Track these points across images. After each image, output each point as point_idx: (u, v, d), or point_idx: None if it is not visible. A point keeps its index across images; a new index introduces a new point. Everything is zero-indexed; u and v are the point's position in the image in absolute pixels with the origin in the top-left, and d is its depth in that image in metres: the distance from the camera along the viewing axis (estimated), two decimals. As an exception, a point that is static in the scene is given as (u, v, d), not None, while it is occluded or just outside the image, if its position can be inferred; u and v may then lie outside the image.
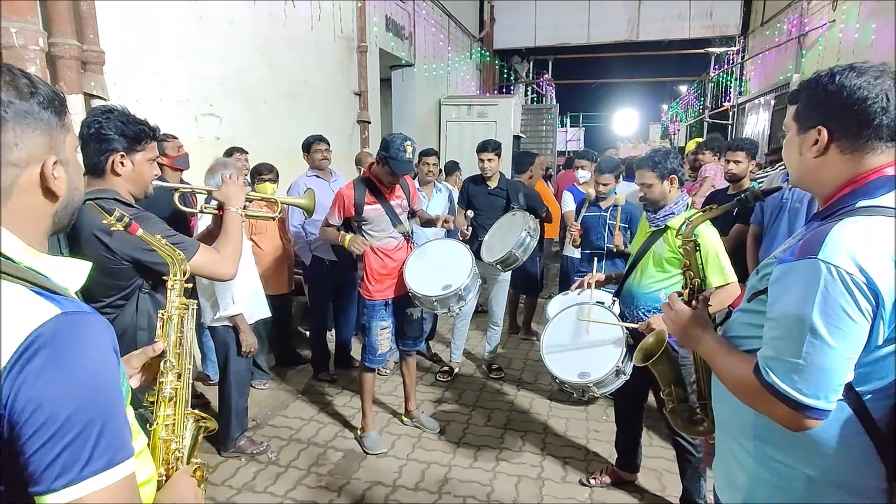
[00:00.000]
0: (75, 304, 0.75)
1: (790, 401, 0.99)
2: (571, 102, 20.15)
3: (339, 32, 6.09)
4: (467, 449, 3.15)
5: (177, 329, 1.17)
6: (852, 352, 0.97)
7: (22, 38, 2.60)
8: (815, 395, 0.97)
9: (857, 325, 0.95)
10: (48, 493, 0.66)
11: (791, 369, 0.99)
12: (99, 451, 0.69)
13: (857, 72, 1.02)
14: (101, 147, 1.66)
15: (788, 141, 1.15)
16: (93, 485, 0.68)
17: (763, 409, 1.06)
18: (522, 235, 3.36)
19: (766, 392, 1.02)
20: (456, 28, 10.35)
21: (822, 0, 7.77)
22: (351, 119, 6.60)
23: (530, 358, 4.53)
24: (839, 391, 0.99)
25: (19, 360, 0.66)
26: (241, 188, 1.89)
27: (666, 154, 2.40)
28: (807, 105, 1.09)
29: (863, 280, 0.93)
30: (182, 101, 3.93)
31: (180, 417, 1.12)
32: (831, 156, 1.06)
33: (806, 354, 0.97)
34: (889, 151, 1.02)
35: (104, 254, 1.64)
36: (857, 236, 0.96)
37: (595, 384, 2.32)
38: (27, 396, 0.66)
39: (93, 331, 0.73)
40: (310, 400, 3.74)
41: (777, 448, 1.11)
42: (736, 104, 11.70)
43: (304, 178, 4.02)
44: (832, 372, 0.97)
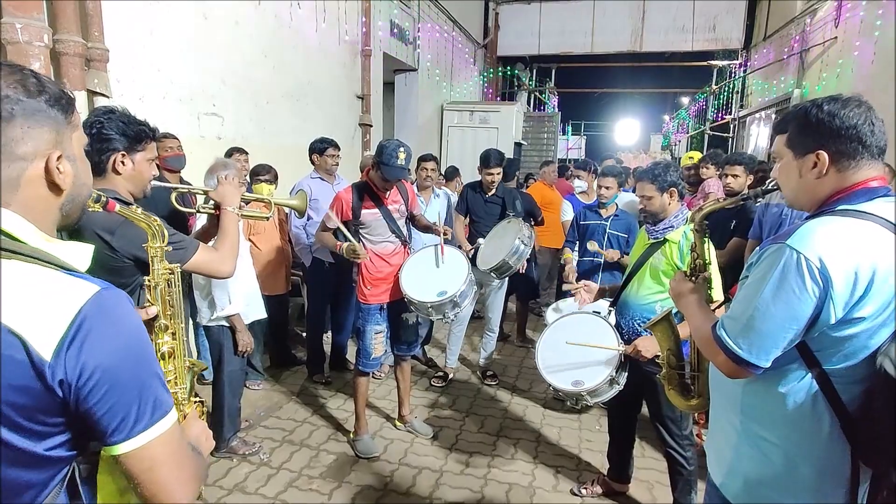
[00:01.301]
0: (103, 280, 0.81)
1: (729, 352, 1.21)
2: (573, 111, 20.24)
3: (344, 35, 6.12)
4: (459, 455, 3.15)
5: (164, 293, 1.25)
6: (792, 323, 1.14)
7: (27, 34, 2.61)
8: (750, 351, 1.18)
9: (800, 301, 1.12)
10: (125, 441, 0.78)
11: (737, 327, 1.21)
12: (158, 402, 0.82)
13: (841, 102, 1.19)
14: (103, 146, 1.67)
15: (784, 166, 1.29)
16: (155, 431, 0.81)
17: (713, 359, 1.28)
18: (516, 243, 3.36)
19: (714, 343, 1.25)
20: (460, 34, 10.39)
21: (824, 17, 7.82)
22: (353, 122, 6.62)
23: (525, 365, 4.53)
24: (772, 354, 1.17)
25: (77, 336, 0.73)
26: (236, 189, 1.93)
27: (666, 167, 2.41)
28: (800, 133, 1.23)
29: (817, 265, 1.10)
30: (185, 100, 3.94)
31: (181, 370, 1.24)
32: (828, 174, 1.21)
33: (750, 318, 1.18)
34: (872, 166, 1.20)
35: (106, 252, 1.65)
36: (825, 230, 1.14)
37: (588, 393, 2.33)
38: (91, 367, 0.74)
39: (125, 302, 0.82)
40: (303, 402, 3.74)
41: (760, 424, 1.27)
42: (737, 117, 11.75)
43: (307, 180, 4.00)
44: (769, 336, 1.16)
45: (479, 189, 4.12)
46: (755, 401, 1.28)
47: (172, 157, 3.44)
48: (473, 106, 10.08)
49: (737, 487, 1.34)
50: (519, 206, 4.06)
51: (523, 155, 11.15)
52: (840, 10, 7.26)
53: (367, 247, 2.99)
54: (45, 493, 0.79)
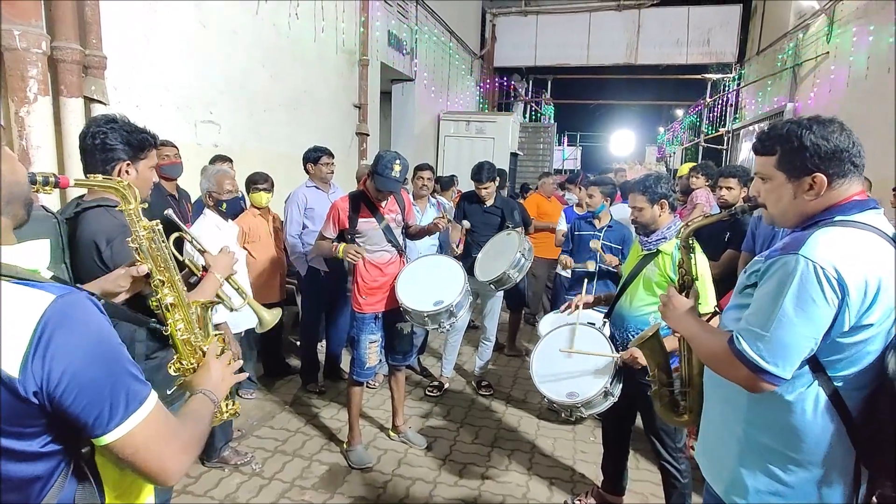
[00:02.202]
0: (57, 286, 0.83)
1: (752, 364, 1.20)
2: (569, 121, 20.35)
3: (342, 45, 6.16)
4: (453, 466, 3.13)
5: (151, 250, 1.28)
6: (813, 332, 1.16)
7: (25, 40, 2.62)
8: (774, 363, 1.18)
9: (821, 311, 1.14)
10: (103, 435, 0.83)
11: (758, 339, 1.20)
12: (132, 395, 0.86)
13: (829, 126, 1.23)
14: (107, 157, 1.66)
15: (776, 188, 1.31)
16: (132, 422, 0.85)
17: (730, 373, 1.27)
18: (517, 257, 3.37)
19: (733, 357, 1.23)
20: (457, 45, 10.47)
21: (816, 32, 7.93)
22: (350, 131, 6.64)
23: (520, 375, 4.52)
24: (795, 364, 1.19)
25: (38, 348, 0.76)
26: (230, 263, 1.90)
27: (657, 179, 2.43)
28: (794, 156, 1.26)
29: (834, 275, 1.13)
30: (182, 108, 3.95)
31: (186, 315, 1.30)
32: (823, 194, 1.25)
33: (773, 329, 1.18)
34: (858, 181, 1.26)
35: (96, 260, 1.64)
36: (834, 240, 1.17)
37: (583, 405, 2.32)
38: (59, 373, 0.78)
39: (86, 305, 0.84)
40: (297, 411, 3.71)
41: (767, 433, 1.29)
42: (731, 130, 11.86)
43: (303, 189, 3.97)
44: (792, 346, 1.17)
45: (476, 199, 4.14)
46: (762, 410, 1.29)
47: (169, 165, 3.43)
48: (470, 116, 10.14)
49: (742, 497, 1.35)
50: (517, 217, 4.07)
51: (519, 165, 11.21)
52: (832, 26, 7.37)
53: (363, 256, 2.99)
54: (51, 482, 0.86)
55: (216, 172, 3.07)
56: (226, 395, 1.25)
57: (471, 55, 11.55)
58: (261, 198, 3.74)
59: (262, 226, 3.82)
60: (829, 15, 7.48)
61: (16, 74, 2.65)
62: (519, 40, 12.30)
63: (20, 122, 2.68)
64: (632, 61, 11.91)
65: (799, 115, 8.29)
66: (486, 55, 12.44)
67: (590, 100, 16.56)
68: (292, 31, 5.20)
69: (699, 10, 11.38)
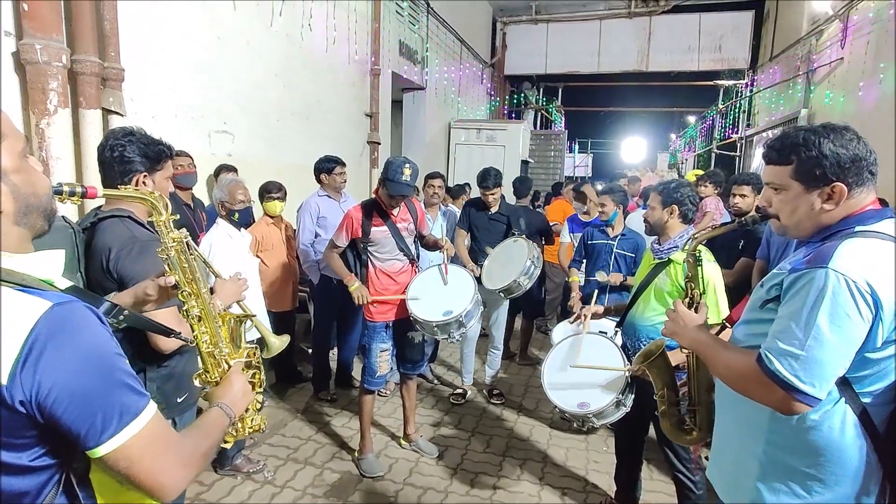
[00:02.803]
0: (58, 295, 0.83)
1: (787, 385, 1.14)
2: (580, 128, 20.31)
3: (354, 55, 6.22)
4: (465, 475, 3.12)
5: (179, 261, 1.27)
6: (849, 349, 1.12)
7: (46, 54, 2.68)
8: (812, 382, 1.13)
9: (856, 327, 1.11)
10: (96, 447, 0.81)
11: (793, 359, 1.14)
12: (125, 408, 0.83)
13: (846, 134, 1.21)
14: (125, 169, 1.70)
15: (792, 198, 1.27)
16: (125, 435, 0.83)
17: (760, 395, 1.20)
18: (527, 265, 3.37)
19: (766, 378, 1.17)
20: (468, 53, 10.52)
21: (830, 38, 7.86)
22: (361, 139, 6.69)
23: (531, 384, 4.50)
24: (830, 382, 1.14)
25: (30, 357, 0.75)
26: (238, 291, 1.82)
27: (679, 185, 2.43)
28: (812, 166, 1.22)
29: (867, 289, 1.09)
30: (196, 118, 4.01)
31: (212, 328, 1.30)
32: (842, 203, 1.22)
33: (808, 347, 1.12)
34: (873, 189, 1.24)
35: (102, 269, 1.66)
36: (861, 252, 1.14)
37: (595, 415, 2.31)
38: (49, 384, 0.76)
39: (82, 315, 0.82)
40: (308, 419, 3.72)
41: (791, 453, 1.24)
42: (744, 136, 11.77)
43: (315, 198, 3.99)
44: (828, 364, 1.12)
45: (482, 206, 4.13)
46: (784, 429, 1.24)
47: (184, 175, 3.49)
48: (480, 124, 10.17)
49: None
50: (523, 225, 4.05)
51: (530, 172, 11.20)
52: (846, 32, 7.31)
53: (374, 264, 3.00)
54: (41, 498, 0.84)
55: (229, 183, 3.10)
56: (244, 409, 1.24)
57: (481, 63, 11.60)
58: (274, 206, 3.78)
59: (274, 234, 3.86)
60: (842, 20, 7.42)
61: (37, 87, 2.71)
62: (529, 48, 12.32)
63: (40, 134, 2.74)
64: (643, 68, 11.87)
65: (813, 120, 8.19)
66: (497, 63, 12.48)
67: (601, 107, 16.55)
68: (305, 42, 5.27)
69: (711, 17, 11.32)
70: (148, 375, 1.75)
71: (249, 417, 1.35)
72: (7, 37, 2.72)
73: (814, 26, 8.41)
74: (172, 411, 1.81)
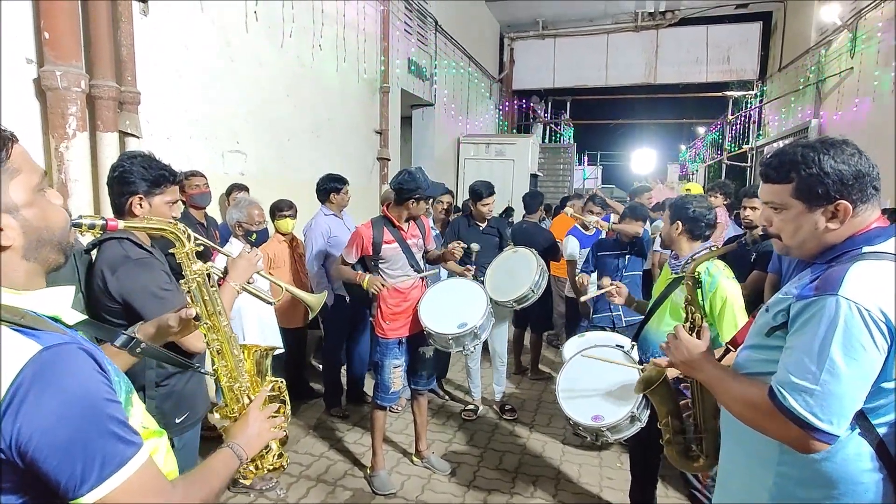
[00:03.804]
0: (54, 336, 0.81)
1: (804, 423, 1.07)
2: (589, 141, 20.33)
3: (363, 74, 6.31)
4: (477, 492, 3.09)
5: (202, 294, 1.27)
6: (865, 382, 1.06)
7: (66, 80, 2.76)
8: (829, 419, 1.06)
9: (871, 358, 1.05)
10: (77, 497, 0.77)
11: (808, 394, 1.07)
12: (108, 458, 0.79)
13: (845, 150, 1.16)
14: (123, 189, 1.74)
15: (792, 218, 1.22)
16: (107, 487, 0.79)
17: (774, 430, 1.14)
18: (537, 277, 3.38)
19: (779, 414, 1.10)
20: (476, 69, 10.63)
21: (839, 48, 7.84)
22: (371, 156, 6.76)
23: (544, 399, 4.47)
24: (849, 418, 1.08)
25: (13, 402, 0.74)
26: (252, 267, 1.87)
27: (690, 201, 2.41)
28: (814, 183, 1.17)
29: (881, 318, 1.04)
30: (210, 138, 4.09)
31: (232, 363, 1.30)
32: (846, 222, 1.17)
33: (823, 382, 1.06)
34: (876, 205, 1.19)
35: (101, 287, 1.69)
36: (873, 277, 1.08)
37: (608, 429, 2.28)
38: (29, 431, 0.74)
39: (72, 359, 0.80)
40: (321, 436, 3.72)
41: (803, 485, 1.17)
42: (755, 147, 11.71)
43: (322, 217, 4.04)
44: (845, 399, 1.06)
45: (473, 220, 4.15)
46: (794, 459, 1.17)
47: (199, 195, 3.56)
48: (489, 139, 10.22)
49: None
50: (507, 233, 4.12)
51: (539, 186, 11.22)
52: (855, 41, 7.29)
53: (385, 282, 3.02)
54: None
55: (249, 204, 3.17)
56: (259, 450, 1.21)
57: (489, 79, 11.70)
58: (286, 224, 3.83)
59: (285, 252, 3.91)
60: (851, 30, 7.40)
61: (57, 112, 2.79)
62: (537, 63, 12.42)
63: (59, 157, 2.81)
64: (651, 81, 11.90)
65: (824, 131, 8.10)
66: (505, 78, 12.59)
67: (609, 120, 16.56)
68: (315, 62, 5.36)
69: (718, 29, 11.35)
70: (147, 394, 1.75)
71: (272, 455, 1.32)
72: (29, 64, 2.81)
73: (822, 37, 8.40)
74: (171, 431, 1.79)
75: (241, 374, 1.30)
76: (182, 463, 1.84)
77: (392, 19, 6.80)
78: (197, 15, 3.86)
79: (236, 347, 1.32)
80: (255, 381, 1.35)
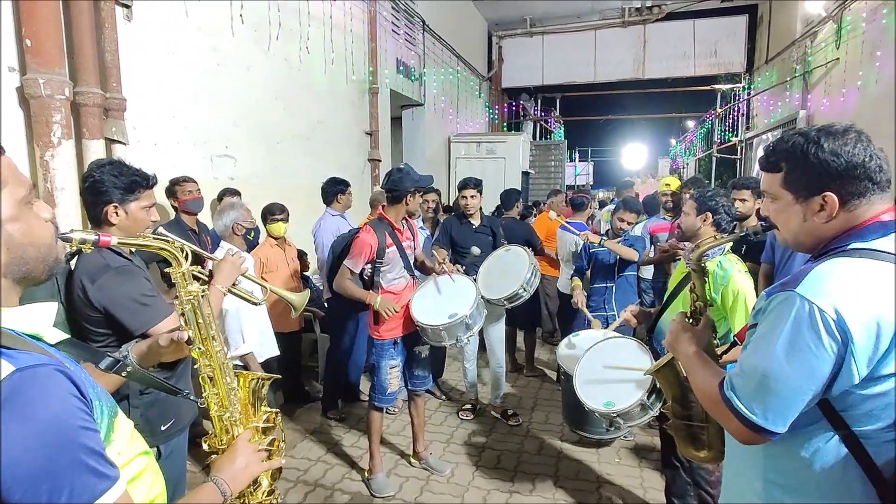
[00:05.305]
0: (31, 356, 0.76)
1: (742, 416, 1.07)
2: (580, 137, 20.45)
3: (351, 75, 6.29)
4: (476, 492, 3.09)
5: (196, 316, 1.22)
6: (809, 383, 1.01)
7: (49, 88, 2.72)
8: (765, 417, 1.05)
9: (817, 359, 0.99)
10: None
11: (748, 388, 1.07)
12: (78, 488, 0.72)
13: (841, 137, 1.07)
14: (96, 199, 1.71)
15: (783, 209, 1.17)
16: None
17: (722, 421, 1.15)
18: (528, 275, 3.37)
19: (723, 404, 1.11)
20: (465, 68, 10.62)
21: (825, 39, 7.90)
22: (362, 157, 6.74)
23: (541, 397, 4.47)
24: (789, 417, 1.04)
25: None
26: (236, 269, 1.88)
27: (715, 194, 2.45)
28: (800, 174, 1.12)
29: (833, 318, 0.98)
30: (199, 143, 4.06)
31: (223, 392, 1.24)
32: (837, 215, 1.10)
33: (763, 378, 1.04)
34: (883, 199, 1.09)
35: (81, 297, 1.66)
36: (839, 276, 1.02)
37: (620, 415, 2.27)
38: None
39: (46, 383, 0.74)
40: (318, 439, 3.71)
41: (786, 491, 1.13)
42: (744, 139, 11.78)
43: (330, 218, 4.19)
44: (785, 399, 1.03)
45: (464, 219, 4.09)
46: (778, 465, 1.14)
47: (192, 201, 3.53)
48: (480, 137, 10.23)
49: None
50: (501, 232, 4.10)
51: (531, 183, 11.24)
52: (840, 32, 7.34)
53: (382, 284, 3.00)
54: None
55: (242, 205, 3.16)
56: (245, 485, 1.15)
57: (479, 77, 11.71)
58: (279, 228, 3.81)
59: (279, 256, 3.88)
60: (836, 21, 7.46)
61: (41, 121, 2.75)
62: (526, 61, 12.44)
63: (45, 166, 2.78)
64: (639, 76, 11.96)
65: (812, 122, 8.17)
66: (494, 77, 12.60)
67: (599, 115, 16.61)
68: (303, 64, 5.34)
69: (704, 23, 11.41)
70: (131, 402, 1.73)
71: (261, 491, 1.25)
72: (11, 72, 2.77)
73: (808, 28, 8.45)
74: (157, 439, 1.78)
75: (233, 404, 1.24)
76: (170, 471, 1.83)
77: (379, 20, 6.78)
78: (182, 19, 3.83)
79: (229, 374, 1.26)
80: (248, 410, 1.29)
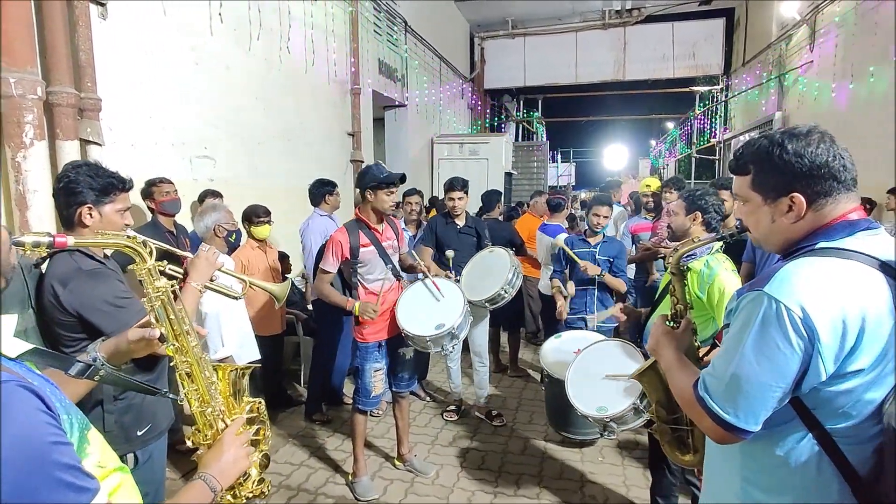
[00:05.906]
0: None
1: (714, 415, 1.08)
2: (562, 138, 20.57)
3: (333, 76, 6.25)
4: (461, 493, 3.08)
5: (167, 312, 1.18)
6: (778, 382, 1.02)
7: (20, 87, 2.66)
8: (737, 416, 1.06)
9: (785, 357, 1.00)
10: None
11: (720, 388, 1.08)
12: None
13: (804, 139, 1.09)
14: (70, 200, 1.67)
15: (752, 211, 1.18)
16: None
17: (697, 420, 1.16)
18: (510, 276, 3.38)
19: (697, 404, 1.12)
20: (447, 69, 10.63)
21: (799, 42, 8.07)
22: (344, 159, 6.70)
23: (524, 397, 4.48)
24: (760, 416, 1.05)
25: None
26: (211, 265, 1.86)
27: (704, 194, 2.46)
28: (768, 176, 1.13)
29: (799, 316, 0.99)
30: (177, 144, 3.99)
31: (203, 387, 1.21)
32: (804, 216, 1.11)
33: (734, 377, 1.06)
34: (849, 199, 1.10)
35: (53, 302, 1.61)
36: (806, 274, 1.03)
37: (614, 419, 2.26)
38: None
39: (10, 400, 0.71)
40: (301, 443, 3.67)
41: (763, 490, 1.14)
42: (722, 140, 11.99)
43: (318, 218, 4.15)
44: (755, 398, 1.04)
45: (450, 220, 4.07)
46: (755, 464, 1.15)
47: (169, 202, 3.47)
48: (463, 138, 10.26)
49: None
50: (488, 234, 4.09)
51: (514, 184, 11.29)
52: (814, 35, 7.51)
53: (363, 285, 2.98)
54: None
55: (224, 207, 3.11)
56: (235, 479, 1.14)
57: (461, 78, 11.72)
58: (264, 230, 3.78)
59: (260, 258, 3.84)
60: (810, 24, 7.63)
61: (12, 121, 2.68)
62: (508, 62, 12.52)
63: (17, 168, 2.70)
64: (620, 77, 12.11)
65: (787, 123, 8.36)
66: (477, 78, 12.64)
67: (581, 116, 16.78)
68: (284, 64, 5.29)
69: (683, 25, 11.61)
70: (105, 408, 1.69)
71: (251, 482, 1.24)
72: (-20, 71, 2.69)
73: (783, 31, 8.64)
74: (133, 445, 1.74)
75: (214, 398, 1.22)
76: (148, 477, 1.78)
77: (361, 20, 6.75)
78: (159, 18, 3.77)
79: (207, 369, 1.23)
80: (231, 402, 1.27)
